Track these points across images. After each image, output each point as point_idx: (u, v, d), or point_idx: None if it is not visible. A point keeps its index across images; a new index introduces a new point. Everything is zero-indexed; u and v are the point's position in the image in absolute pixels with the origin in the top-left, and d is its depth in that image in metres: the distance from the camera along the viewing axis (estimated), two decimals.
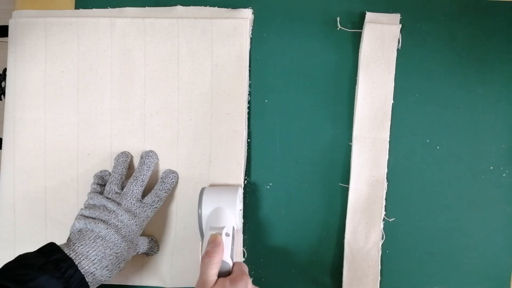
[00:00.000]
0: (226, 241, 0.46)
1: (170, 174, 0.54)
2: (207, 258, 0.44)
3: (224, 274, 0.45)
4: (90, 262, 0.44)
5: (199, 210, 0.49)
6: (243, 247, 0.55)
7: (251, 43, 0.55)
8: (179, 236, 0.55)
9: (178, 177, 0.54)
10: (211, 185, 0.54)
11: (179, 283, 0.55)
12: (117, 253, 0.47)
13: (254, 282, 0.46)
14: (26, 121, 0.56)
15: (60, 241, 0.47)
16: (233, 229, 0.48)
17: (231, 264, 0.46)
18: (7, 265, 0.42)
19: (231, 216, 0.48)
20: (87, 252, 0.45)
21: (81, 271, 0.43)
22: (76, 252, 0.45)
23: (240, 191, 0.52)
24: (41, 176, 0.56)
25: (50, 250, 0.44)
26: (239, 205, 0.51)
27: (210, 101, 0.54)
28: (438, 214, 0.55)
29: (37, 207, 0.56)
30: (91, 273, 0.44)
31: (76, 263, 0.43)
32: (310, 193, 0.55)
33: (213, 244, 0.45)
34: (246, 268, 0.46)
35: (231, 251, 0.46)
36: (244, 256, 0.55)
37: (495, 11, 0.54)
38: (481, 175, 0.54)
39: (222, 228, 0.46)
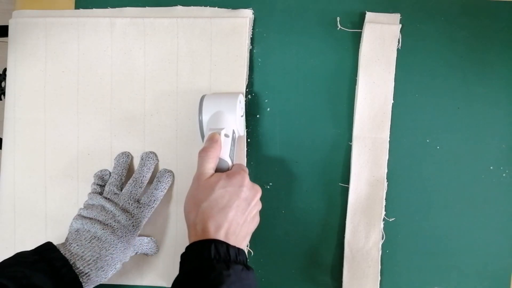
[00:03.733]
0: (225, 142, 0.46)
1: (166, 173, 0.54)
2: (203, 152, 0.45)
3: (223, 172, 0.45)
4: (85, 263, 0.44)
5: (200, 117, 0.49)
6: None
7: (251, 43, 0.55)
8: (180, 236, 0.55)
9: (173, 176, 0.54)
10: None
11: None
12: (113, 254, 0.46)
13: None
14: (26, 121, 0.56)
15: (60, 241, 0.47)
16: (233, 132, 0.48)
17: (230, 163, 0.46)
18: (3, 262, 0.42)
19: (231, 120, 0.48)
20: (82, 252, 0.45)
21: (76, 271, 0.43)
22: (72, 252, 0.45)
23: (241, 97, 0.52)
24: (41, 176, 0.56)
25: (46, 250, 0.44)
26: (240, 111, 0.51)
27: None
28: (438, 214, 0.55)
29: (37, 207, 0.56)
30: (86, 273, 0.44)
31: (71, 263, 0.43)
32: (310, 193, 0.55)
33: (210, 141, 0.45)
34: (246, 168, 0.47)
35: (230, 151, 0.46)
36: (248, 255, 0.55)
37: (495, 11, 0.54)
38: (481, 175, 0.54)
39: (221, 129, 0.47)
